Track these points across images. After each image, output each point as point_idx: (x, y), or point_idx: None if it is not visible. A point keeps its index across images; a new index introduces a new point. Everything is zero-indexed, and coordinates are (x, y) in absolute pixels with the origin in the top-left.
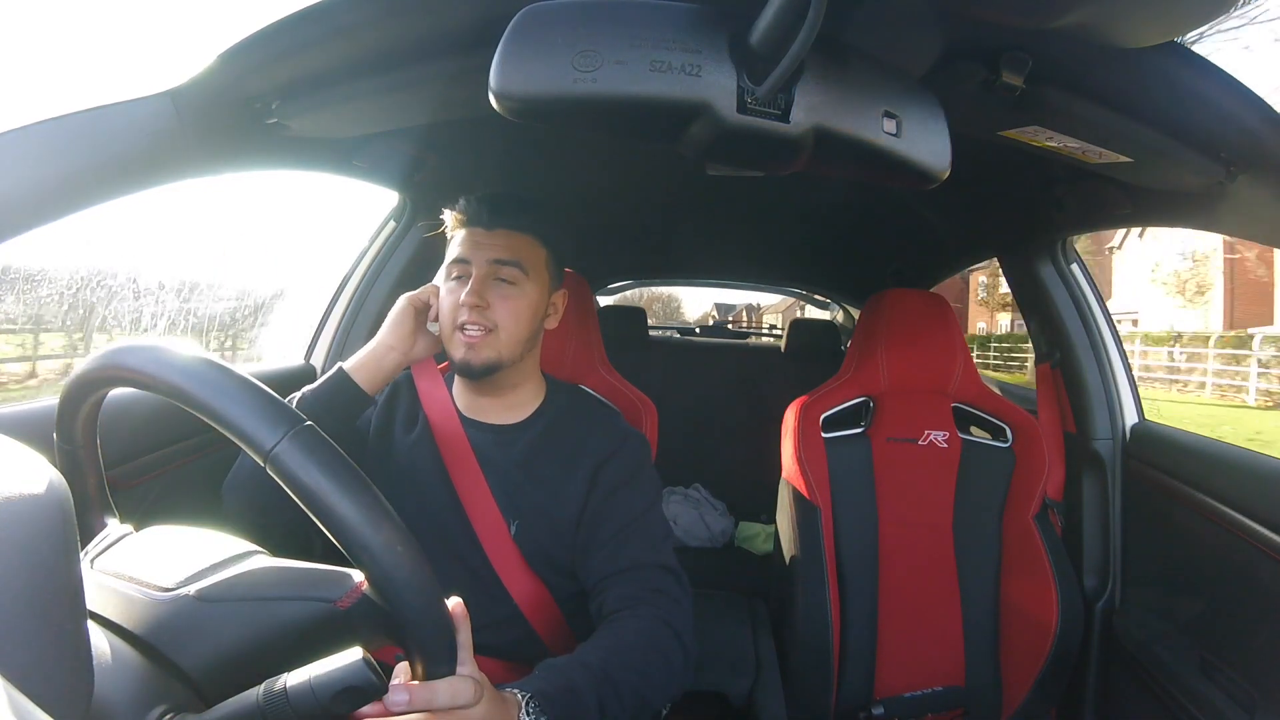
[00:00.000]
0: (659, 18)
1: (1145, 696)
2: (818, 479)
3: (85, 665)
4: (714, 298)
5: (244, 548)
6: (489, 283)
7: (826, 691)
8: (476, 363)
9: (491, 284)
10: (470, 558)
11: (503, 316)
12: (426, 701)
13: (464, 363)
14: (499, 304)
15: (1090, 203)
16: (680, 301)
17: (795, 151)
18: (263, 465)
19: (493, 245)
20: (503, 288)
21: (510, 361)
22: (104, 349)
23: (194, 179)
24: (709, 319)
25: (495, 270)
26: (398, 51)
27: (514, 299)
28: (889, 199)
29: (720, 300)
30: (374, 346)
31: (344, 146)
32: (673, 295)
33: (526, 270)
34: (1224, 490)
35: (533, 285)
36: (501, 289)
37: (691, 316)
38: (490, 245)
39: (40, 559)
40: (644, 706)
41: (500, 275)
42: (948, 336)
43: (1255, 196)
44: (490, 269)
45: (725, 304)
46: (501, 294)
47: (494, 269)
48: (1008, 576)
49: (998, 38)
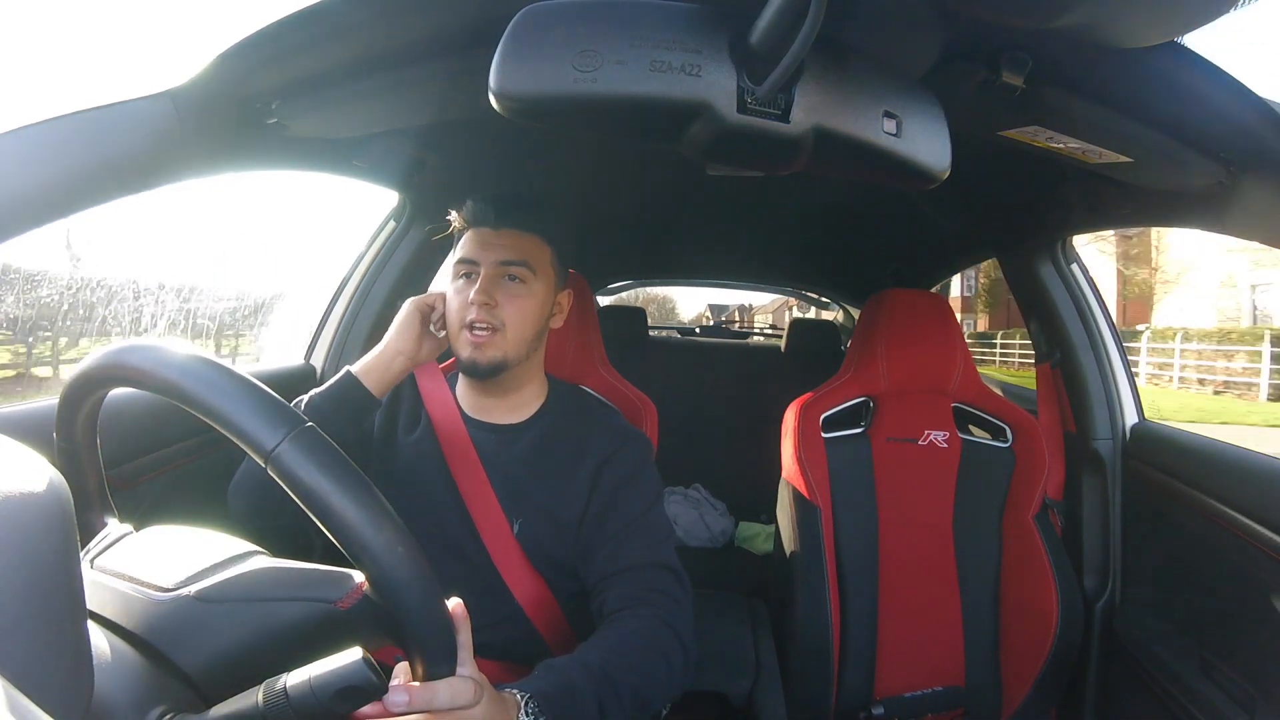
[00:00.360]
0: (659, 18)
1: (1145, 696)
2: (818, 479)
3: (85, 665)
4: (707, 298)
5: (244, 548)
6: (497, 282)
7: (826, 691)
8: (483, 362)
9: (499, 283)
10: (473, 556)
11: (510, 316)
12: (426, 702)
13: (470, 362)
14: (507, 303)
15: (1090, 203)
16: (675, 302)
17: (795, 151)
18: (263, 466)
19: (500, 245)
20: (511, 286)
21: (516, 361)
22: (105, 348)
23: (194, 179)
24: (703, 319)
25: (503, 270)
26: (398, 51)
27: (522, 298)
28: (889, 199)
29: (714, 301)
30: (381, 350)
31: (344, 146)
32: (668, 296)
33: (534, 269)
34: (1224, 490)
35: (540, 285)
36: (509, 288)
37: (686, 316)
38: (497, 245)
39: (40, 559)
40: (644, 706)
41: (508, 275)
42: (948, 336)
43: (1255, 196)
44: (498, 269)
45: (719, 304)
46: (509, 293)
47: (502, 269)
48: (1008, 576)
49: (998, 38)
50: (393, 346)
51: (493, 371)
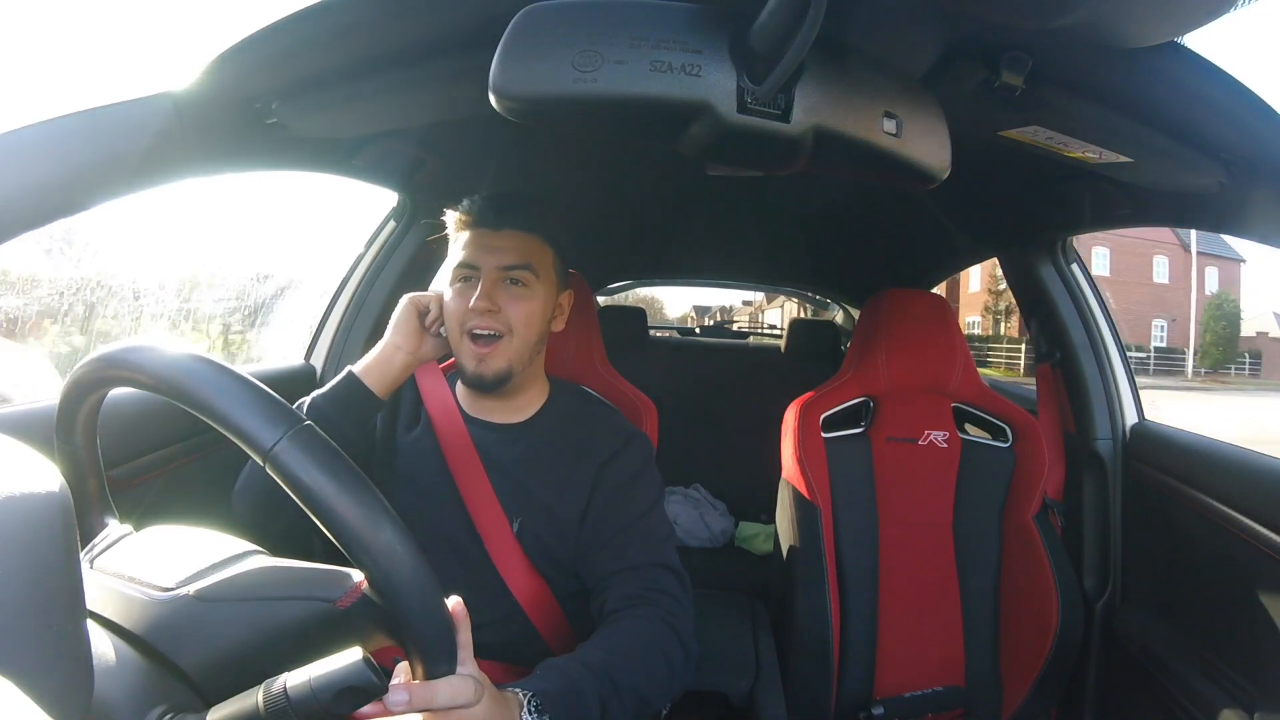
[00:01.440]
0: (659, 18)
1: (1145, 696)
2: (818, 479)
3: (85, 665)
4: (692, 300)
5: (243, 547)
6: (499, 286)
7: (826, 691)
8: (489, 375)
9: (501, 287)
10: (472, 555)
11: (515, 319)
12: (426, 701)
13: (476, 376)
14: (510, 306)
15: (1090, 203)
16: (663, 304)
17: (795, 151)
18: (262, 464)
19: (501, 248)
20: (513, 289)
21: (521, 368)
22: (104, 348)
23: (194, 179)
24: (688, 319)
25: (505, 274)
26: (398, 51)
27: (525, 301)
28: (889, 199)
29: (698, 303)
30: (381, 348)
31: (344, 146)
32: (655, 297)
33: (537, 272)
34: (1224, 490)
35: (542, 287)
36: (512, 290)
37: (672, 316)
38: (498, 248)
39: (40, 559)
40: (644, 706)
41: (510, 278)
42: (948, 336)
43: (1255, 196)
44: (500, 273)
45: (702, 306)
46: (512, 295)
47: (504, 273)
48: (1008, 576)
49: (998, 38)
50: (392, 341)
51: (499, 383)
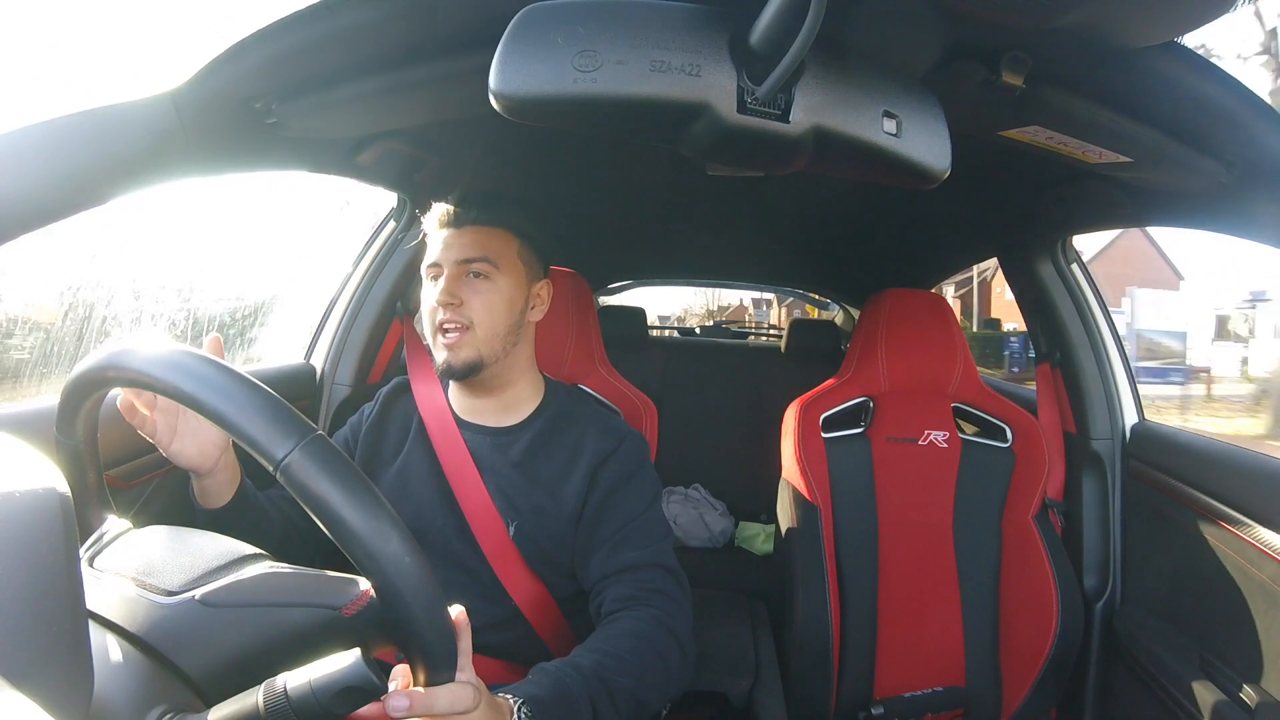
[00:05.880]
0: (659, 18)
1: (1145, 696)
2: (818, 479)
3: (85, 665)
4: (681, 302)
5: (246, 550)
6: (461, 281)
7: (826, 691)
8: (457, 364)
9: (464, 281)
10: (468, 559)
11: (477, 311)
12: (427, 707)
13: (445, 365)
14: (471, 299)
15: (1090, 203)
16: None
17: (795, 151)
18: (273, 474)
19: (461, 244)
20: (474, 283)
21: (492, 357)
22: (111, 347)
23: (194, 179)
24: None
25: (465, 268)
26: (398, 52)
27: (485, 293)
28: (889, 199)
29: (662, 312)
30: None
31: (344, 146)
32: (640, 298)
33: (496, 263)
34: (1224, 490)
35: (505, 277)
36: (473, 284)
37: (660, 316)
38: (458, 244)
39: (40, 558)
40: (640, 708)
41: (470, 271)
42: (948, 336)
43: (1255, 196)
44: (459, 268)
45: (665, 315)
46: (473, 289)
47: (463, 267)
48: (1008, 576)
49: (998, 38)
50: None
51: (468, 371)
